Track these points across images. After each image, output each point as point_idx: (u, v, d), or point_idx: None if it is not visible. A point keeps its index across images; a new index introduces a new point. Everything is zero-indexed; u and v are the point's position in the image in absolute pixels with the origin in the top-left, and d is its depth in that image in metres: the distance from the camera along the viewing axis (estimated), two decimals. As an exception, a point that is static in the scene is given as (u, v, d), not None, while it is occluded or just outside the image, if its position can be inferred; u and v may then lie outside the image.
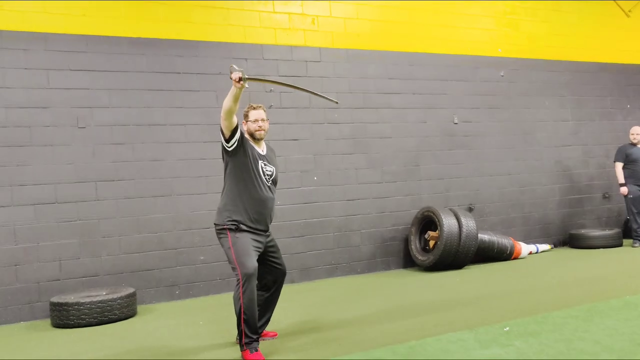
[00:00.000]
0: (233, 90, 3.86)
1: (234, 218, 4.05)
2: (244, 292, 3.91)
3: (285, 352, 4.10)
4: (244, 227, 4.06)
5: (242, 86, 3.80)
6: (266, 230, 4.21)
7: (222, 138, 4.07)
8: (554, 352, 3.63)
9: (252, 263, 3.97)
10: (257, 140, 4.23)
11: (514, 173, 8.44)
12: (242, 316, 3.92)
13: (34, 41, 5.86)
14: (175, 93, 6.44)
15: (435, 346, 3.93)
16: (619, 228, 8.64)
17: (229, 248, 4.03)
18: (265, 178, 4.18)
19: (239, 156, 4.08)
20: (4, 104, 5.72)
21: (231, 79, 3.81)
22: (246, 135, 4.20)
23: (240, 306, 3.91)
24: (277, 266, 4.34)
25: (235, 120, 4.00)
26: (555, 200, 8.76)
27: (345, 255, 7.22)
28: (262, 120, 4.21)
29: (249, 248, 4.03)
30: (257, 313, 4.02)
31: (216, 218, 4.17)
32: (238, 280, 3.95)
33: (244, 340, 3.94)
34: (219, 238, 4.15)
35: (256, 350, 3.95)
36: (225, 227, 4.07)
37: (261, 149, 4.27)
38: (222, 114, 3.96)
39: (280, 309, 5.30)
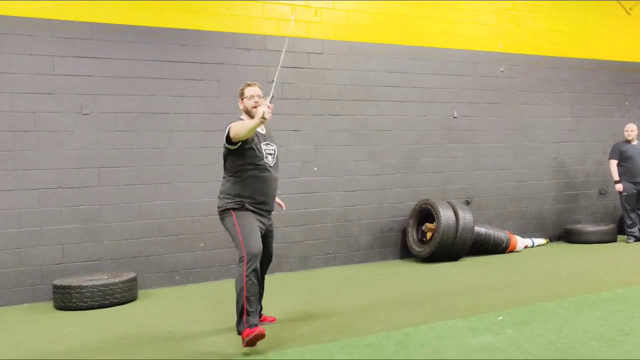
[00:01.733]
0: (256, 122, 3.85)
1: (239, 198, 4.11)
2: (247, 271, 3.95)
3: (284, 336, 4.20)
4: (249, 207, 4.13)
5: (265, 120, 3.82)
6: (270, 212, 4.29)
7: (226, 140, 4.08)
8: (544, 340, 3.73)
9: (258, 243, 4.02)
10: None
11: (512, 168, 8.53)
12: (245, 293, 3.94)
13: (40, 27, 5.93)
14: (179, 82, 6.51)
15: (429, 333, 4.03)
16: (614, 224, 8.74)
17: (234, 225, 4.07)
18: (269, 159, 4.22)
19: (240, 146, 4.11)
20: (9, 90, 5.80)
21: (264, 118, 3.79)
22: (243, 116, 4.24)
23: (243, 285, 3.94)
24: (267, 251, 4.35)
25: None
26: (551, 196, 8.85)
27: (343, 245, 7.32)
28: (259, 96, 4.23)
29: (254, 228, 4.08)
30: (258, 292, 4.07)
31: (219, 202, 4.22)
32: (242, 258, 3.98)
33: (245, 316, 3.95)
34: (223, 219, 4.19)
35: (256, 326, 3.95)
36: (228, 207, 4.12)
37: (261, 127, 4.24)
38: (234, 134, 3.96)
39: (278, 296, 5.42)
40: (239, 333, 4.04)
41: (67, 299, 5.35)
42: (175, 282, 6.41)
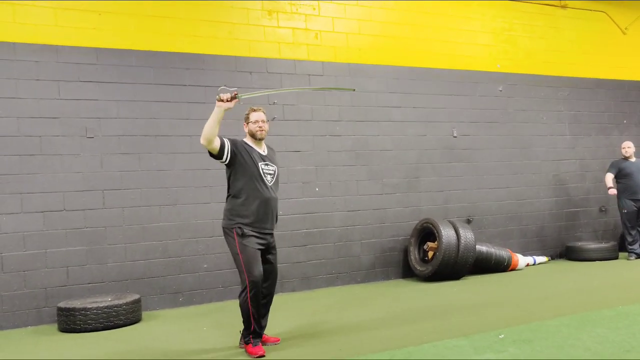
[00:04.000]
0: (216, 112, 4.16)
1: (240, 222, 4.29)
2: (251, 297, 4.22)
3: (286, 357, 4.23)
4: (249, 232, 4.28)
5: (232, 105, 4.14)
6: (271, 230, 4.43)
7: (213, 157, 4.34)
8: (546, 359, 3.76)
9: (259, 270, 4.24)
10: (258, 140, 4.46)
11: (512, 186, 8.60)
12: (252, 316, 4.25)
13: (46, 53, 6.04)
14: (181, 105, 6.61)
15: (431, 352, 4.06)
16: (614, 241, 8.77)
17: (237, 254, 4.28)
18: (267, 178, 4.39)
19: (237, 163, 4.33)
20: (15, 114, 5.89)
21: (221, 100, 4.11)
22: (246, 138, 4.45)
23: (249, 309, 4.23)
24: (271, 269, 4.47)
25: (217, 142, 4.23)
26: (552, 213, 8.90)
27: (345, 265, 7.36)
28: (263, 121, 4.45)
29: (255, 254, 4.29)
30: (262, 312, 4.37)
31: (223, 221, 4.42)
32: (245, 286, 4.23)
33: (252, 334, 4.29)
34: (227, 239, 4.38)
35: (258, 345, 4.29)
36: (232, 228, 4.31)
37: (262, 149, 4.49)
38: (203, 141, 4.22)
39: (281, 316, 5.45)
40: (244, 343, 4.40)
41: (71, 321, 5.38)
42: (178, 303, 6.45)
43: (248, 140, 4.48)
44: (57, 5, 6.10)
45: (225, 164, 4.37)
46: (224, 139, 4.32)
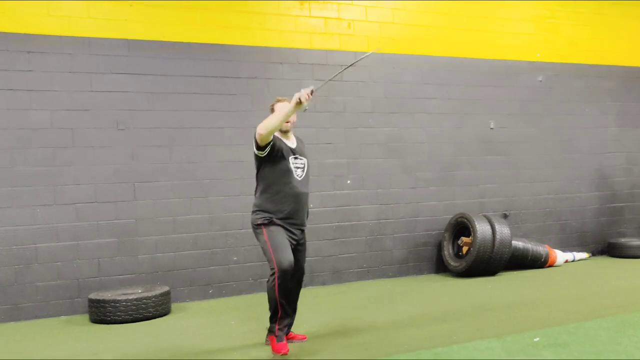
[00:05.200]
0: (292, 108, 4.00)
1: (268, 214, 4.19)
2: (279, 286, 4.06)
3: (312, 355, 4.16)
4: (277, 221, 4.18)
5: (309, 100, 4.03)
6: (302, 225, 4.33)
7: (255, 145, 4.17)
8: (582, 364, 3.59)
9: (288, 258, 4.08)
10: (284, 132, 4.31)
11: (552, 180, 8.30)
12: (279, 306, 4.12)
13: (79, 45, 6.08)
14: (212, 96, 6.57)
15: (461, 354, 3.92)
16: (661, 238, 8.41)
17: (265, 242, 4.15)
18: (298, 173, 4.27)
19: (271, 158, 4.19)
20: (49, 107, 5.95)
21: (302, 99, 3.96)
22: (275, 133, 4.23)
23: (276, 298, 4.09)
24: (298, 263, 4.31)
25: (271, 136, 4.11)
26: (594, 208, 8.57)
27: (377, 259, 7.23)
28: None
29: (284, 242, 4.15)
30: (290, 304, 4.25)
31: (252, 216, 4.31)
32: (273, 273, 4.08)
33: (277, 327, 4.16)
34: (256, 234, 4.28)
35: (282, 341, 4.16)
36: (259, 223, 4.21)
37: (290, 141, 4.36)
38: (263, 130, 4.00)
39: (310, 311, 5.38)
40: (269, 337, 4.27)
41: (102, 313, 5.43)
42: (208, 295, 6.44)
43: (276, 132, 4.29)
44: (90, -2, 6.13)
45: (261, 157, 4.20)
46: (274, 137, 4.20)
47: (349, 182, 7.13)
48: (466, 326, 4.71)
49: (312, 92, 4.02)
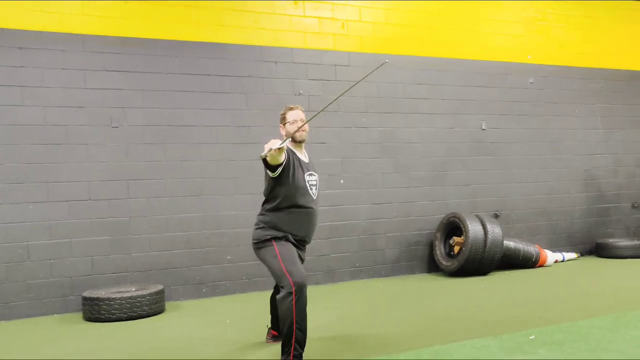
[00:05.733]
0: (275, 153, 3.50)
1: (276, 235, 3.83)
2: (297, 303, 3.63)
3: (309, 354, 4.16)
4: (290, 239, 3.89)
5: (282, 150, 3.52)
6: (308, 242, 4.08)
7: (265, 164, 3.72)
8: (578, 362, 3.63)
9: (303, 272, 3.74)
10: (298, 143, 3.96)
11: (542, 181, 8.39)
12: (295, 328, 3.65)
13: (72, 42, 6.03)
14: (206, 95, 6.56)
15: (459, 352, 3.96)
16: (647, 238, 8.54)
17: (275, 257, 3.76)
18: (313, 191, 3.93)
19: (284, 176, 3.79)
20: (42, 104, 5.90)
21: (268, 152, 3.46)
22: (287, 144, 3.79)
23: (292, 318, 3.63)
24: None
25: (283, 156, 3.66)
26: (582, 209, 8.68)
27: (370, 259, 7.26)
28: (302, 120, 3.95)
29: (295, 256, 3.83)
30: (306, 324, 3.76)
31: (257, 234, 3.90)
32: (290, 292, 3.64)
33: (293, 354, 3.67)
34: (260, 249, 3.89)
35: None
36: (269, 237, 3.84)
37: (303, 155, 4.01)
38: (269, 156, 3.54)
39: (305, 310, 5.37)
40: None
41: (95, 311, 5.40)
42: (202, 294, 6.43)
43: (289, 144, 3.90)
44: (84, -6, 6.09)
45: (274, 178, 3.77)
46: (288, 153, 3.79)
47: (342, 181, 7.15)
48: (462, 325, 4.74)
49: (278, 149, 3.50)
